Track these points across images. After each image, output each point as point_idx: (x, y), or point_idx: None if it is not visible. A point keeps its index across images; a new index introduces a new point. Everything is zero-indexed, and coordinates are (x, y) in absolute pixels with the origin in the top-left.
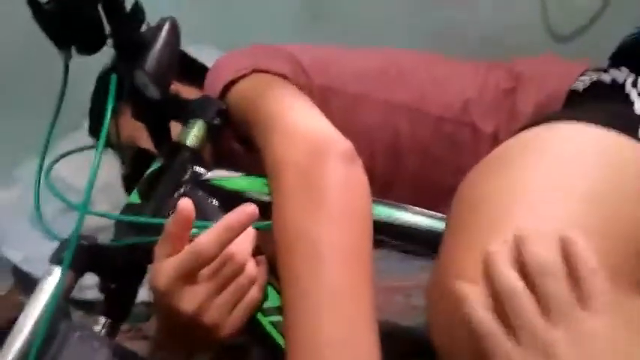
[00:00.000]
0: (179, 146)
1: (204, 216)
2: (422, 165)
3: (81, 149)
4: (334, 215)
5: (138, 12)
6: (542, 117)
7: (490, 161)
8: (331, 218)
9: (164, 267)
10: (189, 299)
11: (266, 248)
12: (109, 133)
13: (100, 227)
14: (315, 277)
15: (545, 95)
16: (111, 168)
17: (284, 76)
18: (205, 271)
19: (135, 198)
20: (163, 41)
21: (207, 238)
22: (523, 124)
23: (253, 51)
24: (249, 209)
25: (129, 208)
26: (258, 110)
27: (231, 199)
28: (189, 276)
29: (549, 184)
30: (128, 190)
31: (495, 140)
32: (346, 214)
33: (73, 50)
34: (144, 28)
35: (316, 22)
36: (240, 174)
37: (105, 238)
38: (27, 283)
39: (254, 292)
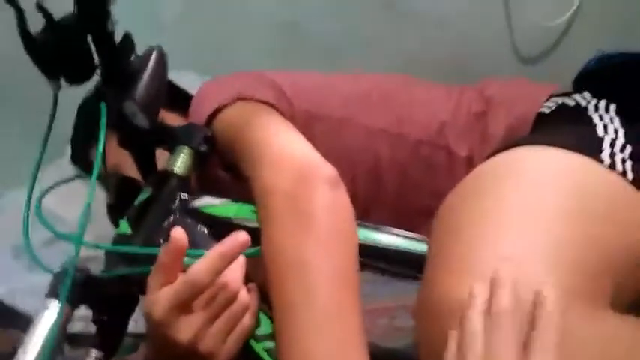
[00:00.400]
0: (167, 174)
1: (194, 244)
2: (400, 188)
3: (69, 180)
4: (322, 239)
5: (128, 43)
6: (512, 141)
7: (467, 185)
8: (319, 242)
9: (159, 297)
10: (185, 329)
11: (255, 274)
12: (91, 163)
13: (89, 257)
14: (307, 303)
15: (514, 118)
16: (95, 200)
17: (268, 103)
18: (199, 300)
19: (125, 228)
20: (152, 71)
21: (201, 267)
22: (495, 147)
23: (237, 78)
24: (241, 237)
25: (120, 239)
26: (244, 138)
27: (220, 226)
28: (184, 305)
29: (523, 208)
30: (113, 219)
31: (470, 163)
32: (333, 238)
33: (62, 81)
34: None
35: (293, 47)
36: (228, 201)
37: (94, 268)
38: (9, 317)
39: (247, 320)
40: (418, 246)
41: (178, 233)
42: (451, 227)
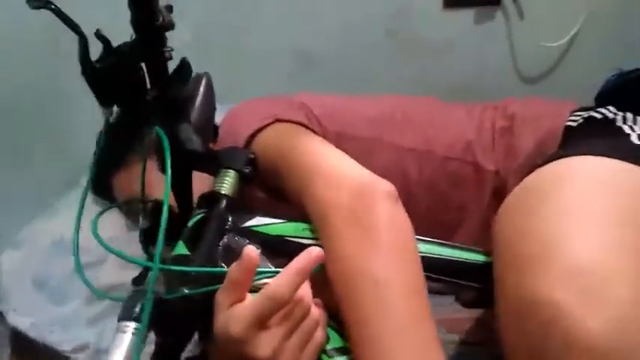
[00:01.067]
0: (217, 196)
1: None
2: (430, 202)
3: (112, 207)
4: (389, 252)
5: (186, 68)
6: (557, 153)
7: (525, 195)
8: (387, 256)
9: (237, 314)
10: (265, 345)
11: (319, 291)
12: (114, 189)
13: (114, 285)
14: (384, 316)
15: (542, 132)
16: (112, 224)
17: (303, 125)
18: (276, 316)
19: (182, 249)
20: (202, 96)
21: (281, 282)
22: (528, 159)
23: (267, 102)
24: (315, 252)
25: (179, 259)
26: (289, 158)
27: (273, 245)
28: (263, 321)
29: (583, 213)
30: (147, 243)
31: (497, 176)
32: (399, 250)
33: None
34: None
35: (303, 73)
36: (280, 220)
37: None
38: (29, 350)
39: (319, 334)
40: (473, 256)
41: (251, 250)
42: (521, 229)
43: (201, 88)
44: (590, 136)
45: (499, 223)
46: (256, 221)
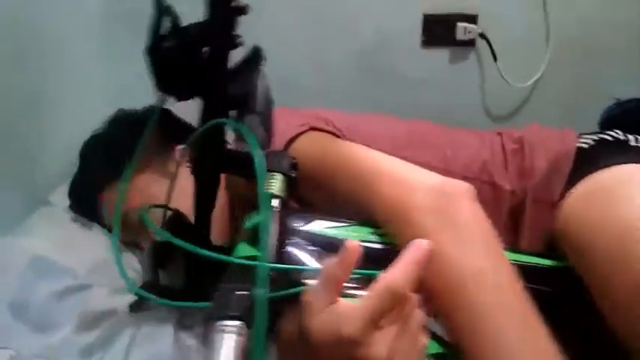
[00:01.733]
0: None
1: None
2: None
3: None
4: (485, 247)
5: (258, 55)
6: (599, 164)
7: (589, 196)
8: (485, 250)
9: (351, 313)
10: (380, 345)
11: None
12: (102, 205)
13: (104, 312)
14: (502, 313)
15: (554, 154)
16: (97, 247)
17: (335, 135)
18: (389, 314)
19: (247, 250)
20: (262, 87)
21: (399, 275)
22: (545, 176)
23: (293, 111)
24: (424, 244)
25: (250, 260)
26: (346, 164)
27: (334, 249)
28: (378, 320)
29: None
30: (157, 258)
31: (513, 195)
32: (492, 245)
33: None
34: None
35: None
36: (341, 223)
37: None
38: None
39: (423, 337)
40: (540, 260)
41: (353, 244)
42: (592, 230)
43: (260, 80)
44: (611, 153)
45: (576, 232)
46: (317, 225)
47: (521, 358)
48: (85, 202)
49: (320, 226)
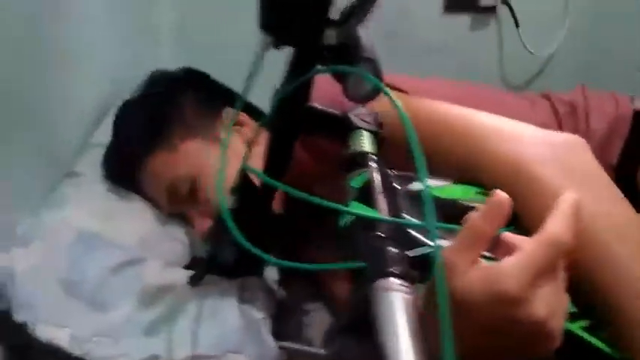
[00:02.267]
0: (365, 155)
1: None
2: None
3: None
4: (614, 196)
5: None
6: None
7: None
8: (613, 200)
9: (512, 270)
10: (542, 304)
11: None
12: (143, 175)
13: (163, 287)
14: None
15: (610, 117)
16: (142, 219)
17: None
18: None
19: (363, 209)
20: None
21: (561, 224)
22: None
23: None
24: (572, 196)
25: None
26: (442, 120)
27: (441, 208)
28: (541, 276)
29: None
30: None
31: None
32: (619, 194)
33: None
34: None
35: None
36: (448, 182)
37: None
38: None
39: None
40: None
41: (503, 196)
42: None
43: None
44: None
45: None
46: (419, 185)
47: None
48: (126, 172)
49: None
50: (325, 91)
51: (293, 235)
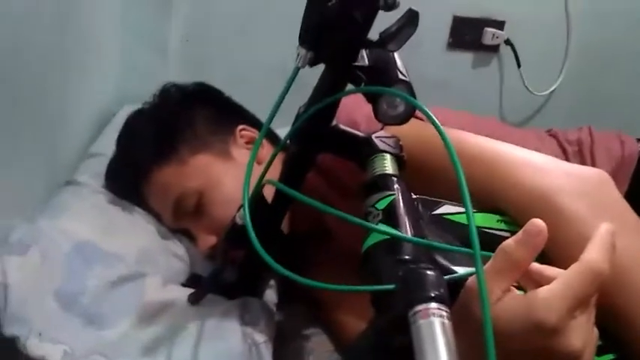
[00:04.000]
0: (388, 178)
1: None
2: None
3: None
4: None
5: (414, 21)
6: None
7: None
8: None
9: (550, 299)
10: (578, 334)
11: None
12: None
13: (164, 303)
14: None
15: (615, 156)
16: (144, 232)
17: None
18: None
19: (389, 230)
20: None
21: (598, 253)
22: None
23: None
24: (608, 227)
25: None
26: (465, 149)
27: (464, 235)
28: (579, 307)
29: None
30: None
31: None
32: None
33: None
34: None
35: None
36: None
37: None
38: None
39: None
40: None
41: (540, 223)
42: None
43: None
44: None
45: None
46: (445, 209)
47: None
48: (130, 183)
49: (448, 210)
50: (339, 111)
51: (298, 257)
